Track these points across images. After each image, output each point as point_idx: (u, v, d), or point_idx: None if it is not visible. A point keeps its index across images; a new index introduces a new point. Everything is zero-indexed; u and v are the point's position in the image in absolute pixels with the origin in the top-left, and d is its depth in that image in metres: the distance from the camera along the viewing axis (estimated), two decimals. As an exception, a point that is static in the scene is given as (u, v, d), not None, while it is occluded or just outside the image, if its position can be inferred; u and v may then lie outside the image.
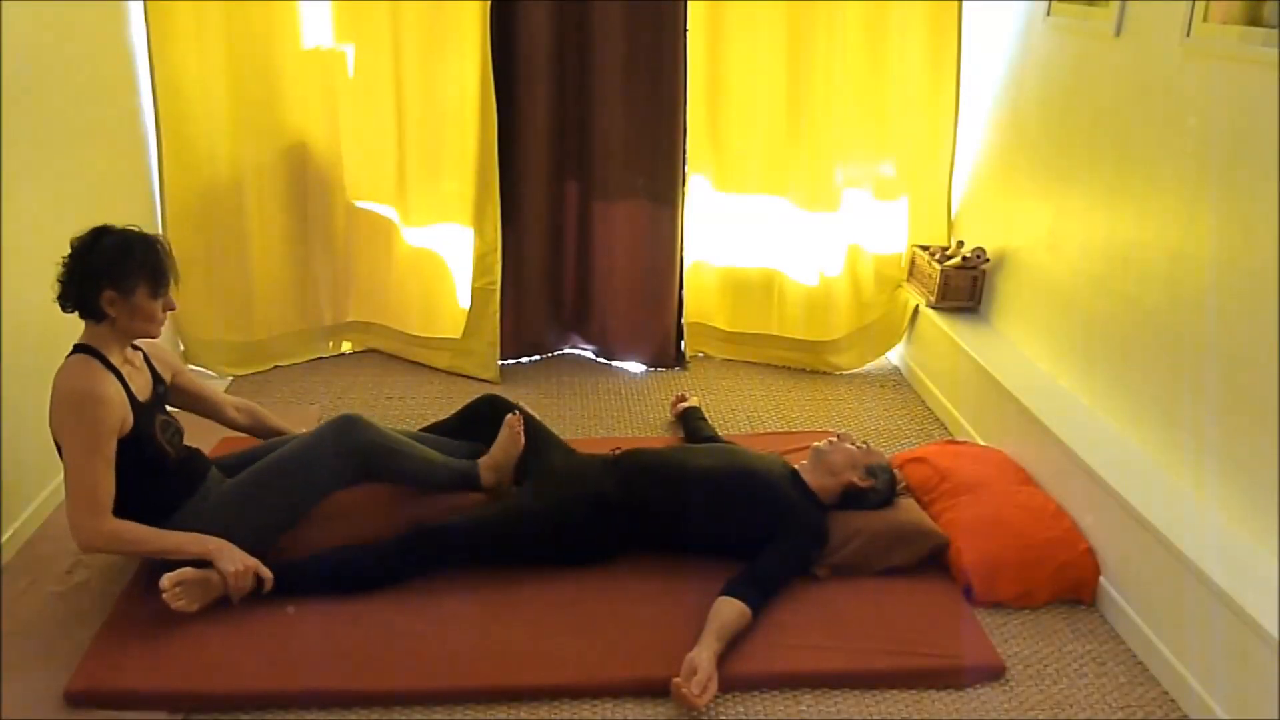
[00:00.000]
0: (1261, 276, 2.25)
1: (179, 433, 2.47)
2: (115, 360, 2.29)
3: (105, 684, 2.12)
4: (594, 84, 3.67)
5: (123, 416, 2.25)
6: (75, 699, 2.09)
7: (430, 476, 2.67)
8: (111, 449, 2.22)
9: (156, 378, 2.47)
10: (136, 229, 2.29)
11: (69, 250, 2.24)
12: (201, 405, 2.68)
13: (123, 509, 2.26)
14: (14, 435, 2.56)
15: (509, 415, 2.78)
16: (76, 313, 2.27)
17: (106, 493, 2.22)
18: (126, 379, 2.30)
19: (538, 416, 2.99)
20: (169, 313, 2.35)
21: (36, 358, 2.66)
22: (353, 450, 2.51)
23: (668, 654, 2.22)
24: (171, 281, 2.32)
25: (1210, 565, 2.17)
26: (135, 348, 2.42)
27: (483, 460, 2.72)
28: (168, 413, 2.48)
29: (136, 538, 2.26)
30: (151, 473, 2.34)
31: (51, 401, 2.22)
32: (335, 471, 2.51)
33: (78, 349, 2.27)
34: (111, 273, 2.22)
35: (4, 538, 2.54)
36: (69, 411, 2.20)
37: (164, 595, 2.22)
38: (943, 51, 3.72)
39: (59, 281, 2.25)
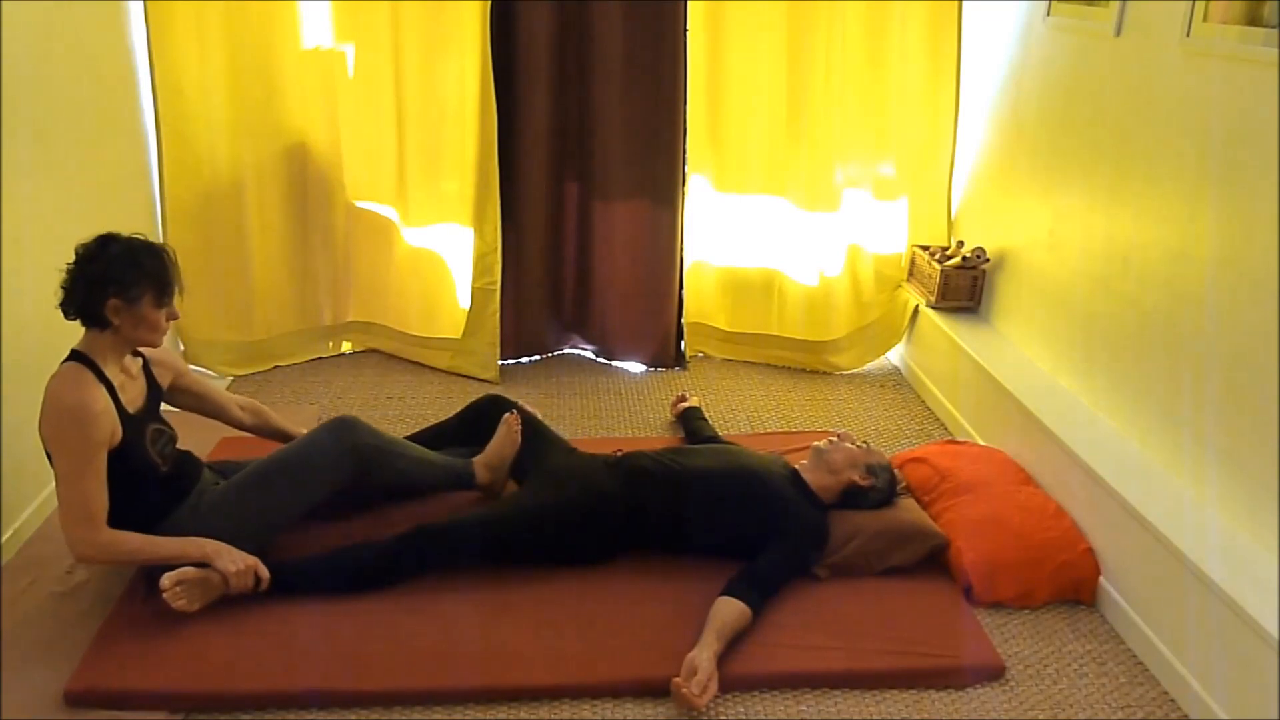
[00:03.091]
0: (1261, 276, 2.25)
1: (172, 441, 2.44)
2: (110, 370, 2.27)
3: (105, 684, 2.12)
4: (594, 84, 3.67)
5: (111, 430, 2.22)
6: (75, 699, 2.09)
7: (425, 475, 2.68)
8: (102, 461, 2.20)
9: (153, 385, 2.45)
10: (142, 237, 2.27)
11: (74, 257, 2.21)
12: (206, 406, 2.67)
13: (113, 517, 2.24)
14: (13, 436, 2.56)
15: (507, 414, 2.79)
16: (79, 320, 2.24)
17: (99, 505, 2.20)
18: (119, 389, 2.28)
19: (539, 415, 2.99)
20: (171, 322, 2.33)
21: (36, 359, 2.66)
22: (348, 451, 2.51)
23: (668, 654, 2.23)
24: (176, 291, 2.30)
25: (1210, 565, 2.17)
26: (136, 354, 2.41)
27: (477, 459, 2.74)
28: (162, 420, 2.45)
29: (133, 548, 2.25)
30: (140, 483, 2.32)
31: (42, 410, 2.20)
32: (330, 471, 2.51)
33: (73, 356, 2.25)
34: (118, 281, 2.19)
35: (4, 538, 2.54)
36: (58, 424, 2.18)
37: (164, 595, 2.22)
38: (943, 51, 3.72)
39: (62, 288, 2.22)
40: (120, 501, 2.25)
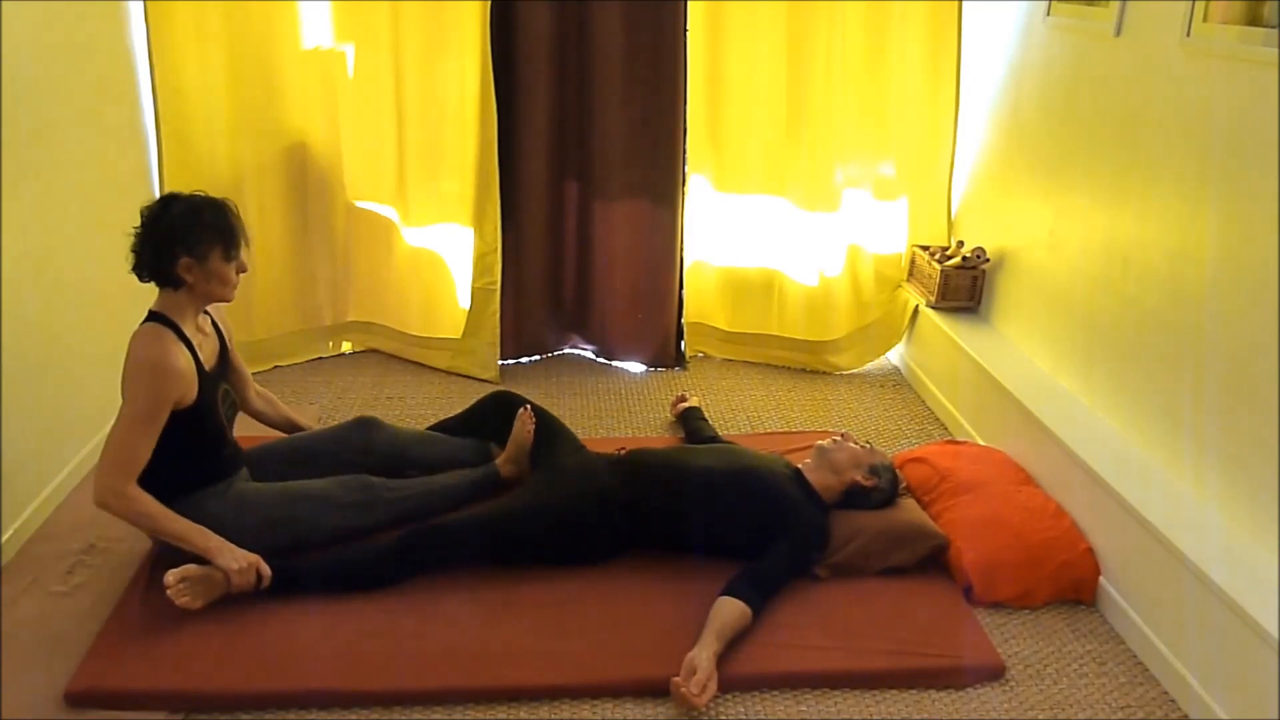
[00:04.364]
0: (1261, 276, 2.25)
1: (234, 407, 2.53)
2: (188, 329, 2.35)
3: (105, 684, 2.12)
4: (594, 84, 3.67)
5: (186, 389, 2.29)
6: (75, 699, 2.09)
7: (455, 498, 2.72)
8: (162, 420, 2.26)
9: (223, 342, 2.54)
10: (203, 194, 2.35)
11: (139, 220, 2.29)
12: (235, 380, 2.70)
13: (158, 475, 2.28)
14: (14, 435, 2.56)
15: (521, 410, 2.84)
16: (153, 281, 2.32)
17: (140, 460, 2.26)
18: (197, 348, 2.36)
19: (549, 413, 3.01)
20: (241, 275, 2.39)
21: (36, 358, 2.67)
22: (360, 506, 2.56)
23: (668, 654, 2.23)
24: (243, 243, 2.37)
25: (1210, 565, 2.17)
26: (205, 312, 2.47)
27: (499, 459, 2.82)
28: (230, 381, 2.55)
29: (148, 511, 2.28)
30: (206, 445, 2.39)
31: (125, 363, 2.26)
32: (343, 524, 2.55)
33: (152, 316, 2.32)
34: (185, 239, 2.27)
35: (4, 538, 2.54)
36: (136, 376, 2.25)
37: (168, 592, 2.23)
38: (943, 51, 3.72)
39: (133, 251, 2.29)
40: (169, 458, 2.29)
